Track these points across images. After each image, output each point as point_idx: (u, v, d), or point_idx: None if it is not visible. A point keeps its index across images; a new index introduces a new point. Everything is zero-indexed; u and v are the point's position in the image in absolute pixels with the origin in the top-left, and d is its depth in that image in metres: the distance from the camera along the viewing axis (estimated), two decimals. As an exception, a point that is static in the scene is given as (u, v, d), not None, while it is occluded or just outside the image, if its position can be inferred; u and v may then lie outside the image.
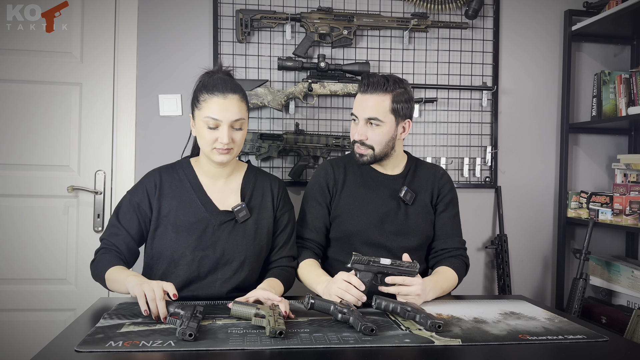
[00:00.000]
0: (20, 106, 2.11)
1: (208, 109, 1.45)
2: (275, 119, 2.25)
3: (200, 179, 1.56)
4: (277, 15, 2.17)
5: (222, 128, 1.45)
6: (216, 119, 1.44)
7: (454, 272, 1.60)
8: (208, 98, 1.46)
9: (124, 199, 1.54)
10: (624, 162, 2.31)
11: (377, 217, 1.65)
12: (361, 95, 1.62)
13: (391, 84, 1.60)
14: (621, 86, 2.28)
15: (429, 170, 1.75)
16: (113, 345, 1.05)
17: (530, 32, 2.43)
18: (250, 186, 1.60)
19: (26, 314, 2.10)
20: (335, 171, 1.73)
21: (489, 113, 2.38)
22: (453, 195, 1.74)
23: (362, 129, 1.61)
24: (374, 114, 1.59)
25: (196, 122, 1.50)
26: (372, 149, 1.62)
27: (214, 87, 1.47)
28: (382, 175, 1.71)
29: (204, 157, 1.54)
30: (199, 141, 1.51)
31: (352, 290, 1.35)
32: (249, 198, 1.58)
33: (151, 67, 2.18)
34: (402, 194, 1.66)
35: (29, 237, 2.11)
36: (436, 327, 1.18)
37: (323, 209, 1.70)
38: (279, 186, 1.65)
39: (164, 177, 1.55)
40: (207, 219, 1.51)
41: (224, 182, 1.58)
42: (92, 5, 2.15)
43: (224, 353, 1.04)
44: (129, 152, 2.17)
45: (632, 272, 2.19)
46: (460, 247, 1.69)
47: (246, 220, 1.54)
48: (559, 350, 1.13)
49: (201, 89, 1.49)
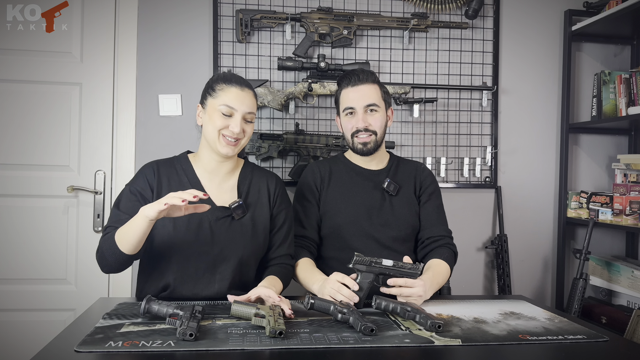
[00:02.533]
0: (20, 106, 2.11)
1: (225, 97, 1.49)
2: (275, 119, 2.25)
3: (198, 174, 1.56)
4: (277, 15, 2.17)
5: (235, 117, 1.48)
6: (232, 107, 1.48)
7: (446, 264, 1.63)
8: (226, 87, 1.50)
9: (124, 190, 1.52)
10: (624, 162, 2.31)
11: (364, 209, 1.71)
12: (353, 88, 1.71)
13: (375, 76, 1.74)
14: (621, 86, 2.28)
15: (411, 166, 1.83)
16: (113, 346, 1.05)
17: (530, 32, 2.43)
18: (247, 183, 1.60)
19: (26, 314, 2.10)
20: (321, 169, 1.79)
21: (489, 113, 2.38)
22: (435, 187, 1.80)
23: (363, 116, 1.69)
24: (372, 100, 1.70)
25: (208, 110, 1.51)
26: (375, 134, 1.71)
27: (232, 78, 1.53)
28: (366, 170, 1.78)
29: (206, 150, 1.54)
30: (206, 129, 1.51)
31: (344, 290, 1.35)
32: (245, 195, 1.58)
33: (151, 67, 2.18)
34: (386, 185, 1.73)
35: (29, 237, 2.11)
36: (436, 327, 1.18)
37: (314, 207, 1.75)
38: (275, 183, 1.64)
39: (161, 170, 1.55)
40: (204, 214, 1.49)
41: (221, 179, 1.57)
42: (92, 5, 2.15)
43: (223, 353, 1.04)
44: (129, 152, 2.17)
45: (632, 272, 2.19)
46: (447, 236, 1.72)
47: (242, 217, 1.54)
48: (559, 350, 1.13)
49: (218, 80, 1.53)
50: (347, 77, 1.73)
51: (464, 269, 2.33)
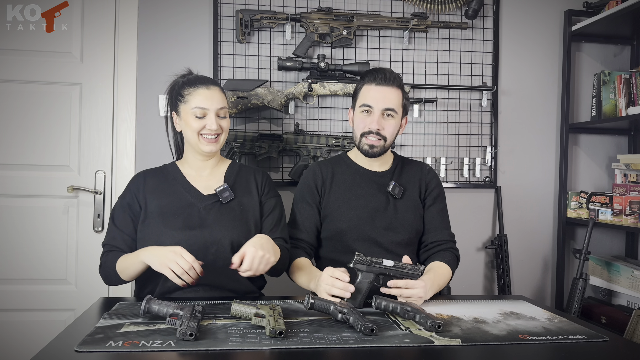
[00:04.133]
0: (20, 106, 2.11)
1: (194, 100, 1.56)
2: (275, 119, 2.25)
3: (184, 173, 1.64)
4: (277, 16, 2.17)
5: (209, 116, 1.56)
6: (204, 108, 1.55)
7: (447, 267, 1.61)
8: (193, 91, 1.57)
9: (116, 204, 1.61)
10: (624, 162, 2.31)
11: (367, 213, 1.67)
12: (377, 87, 1.65)
13: (402, 81, 1.69)
14: (621, 86, 2.28)
15: (416, 167, 1.79)
16: (113, 345, 1.05)
17: (530, 32, 2.43)
18: (234, 174, 1.66)
19: (26, 314, 2.10)
20: (323, 171, 1.75)
21: (489, 113, 2.38)
22: (440, 190, 1.77)
23: (379, 119, 1.65)
24: (392, 104, 1.65)
25: (182, 115, 1.59)
26: (384, 140, 1.66)
27: (196, 81, 1.60)
28: (370, 172, 1.74)
29: (190, 152, 1.63)
30: (186, 134, 1.60)
31: (337, 283, 1.34)
32: (232, 182, 1.63)
33: (151, 67, 2.18)
34: (390, 188, 1.69)
35: (29, 237, 2.11)
36: (436, 327, 1.18)
37: (313, 210, 1.71)
38: (262, 175, 1.70)
39: (148, 177, 1.63)
40: (192, 203, 1.56)
41: (209, 172, 1.65)
42: (92, 5, 2.15)
43: (223, 353, 1.04)
44: (129, 152, 2.17)
45: (632, 272, 2.19)
46: (450, 240, 1.71)
47: (231, 202, 1.58)
48: (559, 350, 1.13)
49: (183, 86, 1.59)
50: (373, 73, 1.66)
51: (464, 269, 2.33)
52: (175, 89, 1.63)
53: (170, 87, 1.66)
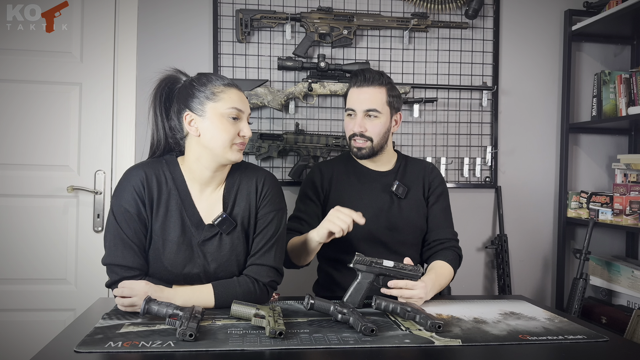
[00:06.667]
0: (20, 106, 2.10)
1: (230, 99, 1.35)
2: (275, 119, 2.24)
3: (189, 186, 1.41)
4: (277, 15, 2.17)
5: (243, 120, 1.38)
6: (240, 110, 1.36)
7: (449, 266, 1.61)
8: (226, 89, 1.36)
9: (117, 210, 1.37)
10: (624, 162, 2.31)
11: (371, 212, 1.65)
12: (357, 89, 1.66)
13: (385, 78, 1.68)
14: (621, 86, 2.28)
15: (419, 165, 1.78)
16: (112, 346, 1.05)
17: (531, 32, 2.43)
18: (234, 192, 1.44)
19: (26, 314, 2.10)
20: (326, 171, 1.75)
21: (489, 113, 2.38)
22: (444, 189, 1.76)
23: (361, 121, 1.65)
24: (373, 105, 1.64)
25: (209, 116, 1.34)
26: (371, 141, 1.66)
27: (227, 80, 1.39)
28: (373, 172, 1.74)
29: (203, 160, 1.38)
30: (212, 139, 1.34)
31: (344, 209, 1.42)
32: (231, 206, 1.42)
33: (151, 67, 2.17)
34: (394, 187, 1.68)
35: (28, 237, 2.11)
36: (436, 328, 1.18)
37: (316, 206, 1.71)
38: (264, 181, 1.45)
39: (150, 180, 1.38)
40: (192, 236, 1.38)
41: (211, 189, 1.43)
42: (92, 5, 2.15)
43: (223, 353, 1.04)
44: (129, 152, 2.17)
45: (632, 272, 2.19)
46: (453, 239, 1.70)
47: (233, 230, 1.40)
48: (559, 350, 1.13)
49: (213, 81, 1.37)
50: (355, 75, 1.67)
51: (464, 269, 2.31)
52: (203, 87, 1.37)
53: (167, 82, 1.45)
